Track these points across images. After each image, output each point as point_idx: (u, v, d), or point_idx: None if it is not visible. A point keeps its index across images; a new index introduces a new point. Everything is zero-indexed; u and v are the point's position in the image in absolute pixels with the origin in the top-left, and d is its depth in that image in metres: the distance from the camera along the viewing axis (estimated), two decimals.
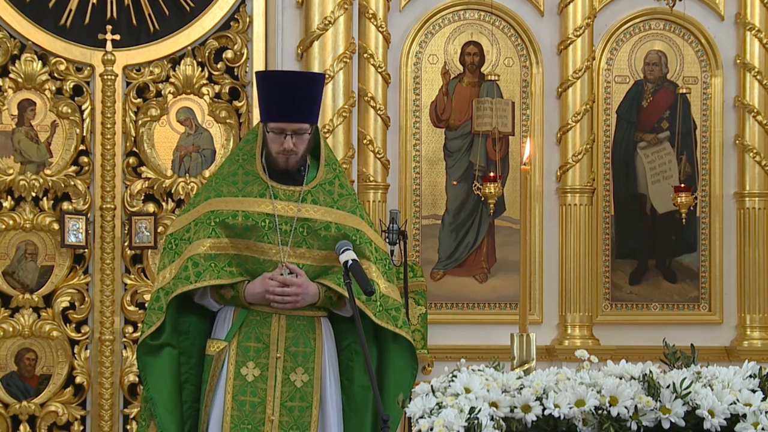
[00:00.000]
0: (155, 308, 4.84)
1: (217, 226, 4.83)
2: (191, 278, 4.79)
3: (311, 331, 4.86)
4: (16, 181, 6.94)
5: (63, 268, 6.99)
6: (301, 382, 4.83)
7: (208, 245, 4.82)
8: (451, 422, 3.38)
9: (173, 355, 4.89)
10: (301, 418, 4.82)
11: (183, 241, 4.90)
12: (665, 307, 7.59)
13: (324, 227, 4.87)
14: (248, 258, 4.84)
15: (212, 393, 4.82)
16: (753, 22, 7.53)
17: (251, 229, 4.82)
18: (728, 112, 7.64)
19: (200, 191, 5.08)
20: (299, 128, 4.83)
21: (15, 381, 6.98)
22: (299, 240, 4.85)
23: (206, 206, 4.90)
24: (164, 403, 4.84)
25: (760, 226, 7.57)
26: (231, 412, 4.79)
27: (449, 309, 7.43)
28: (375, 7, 7.19)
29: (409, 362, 5.00)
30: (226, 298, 4.86)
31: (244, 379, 4.81)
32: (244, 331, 4.84)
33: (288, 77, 5.22)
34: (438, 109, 7.44)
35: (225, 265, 4.81)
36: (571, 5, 7.39)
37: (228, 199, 4.88)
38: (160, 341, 4.87)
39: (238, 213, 4.84)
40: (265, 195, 4.87)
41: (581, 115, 7.40)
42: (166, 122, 7.12)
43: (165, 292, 4.83)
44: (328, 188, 4.96)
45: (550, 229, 7.48)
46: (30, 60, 6.97)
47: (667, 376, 3.57)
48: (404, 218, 7.28)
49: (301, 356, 4.84)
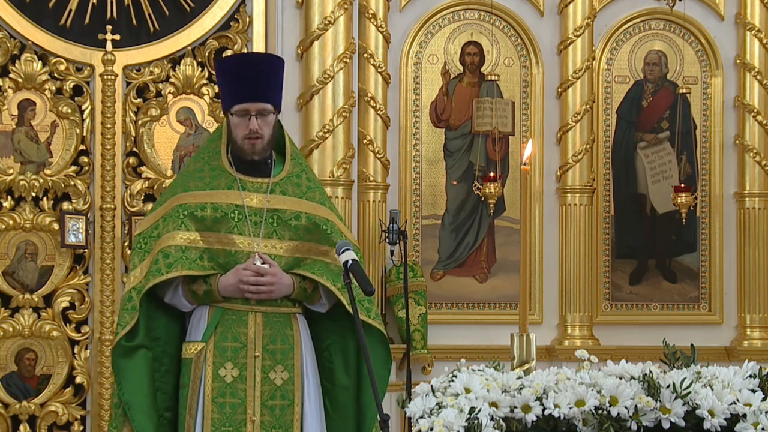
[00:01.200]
0: (128, 308, 4.74)
1: (187, 219, 4.76)
2: (162, 270, 4.70)
3: (288, 328, 4.80)
4: (16, 181, 6.94)
5: (63, 268, 6.99)
6: (281, 380, 4.78)
7: (178, 238, 4.74)
8: (451, 422, 3.38)
9: (148, 357, 4.80)
10: (283, 417, 4.77)
11: (152, 238, 4.82)
12: (665, 307, 7.60)
13: (294, 217, 4.83)
14: (219, 251, 4.77)
15: (196, 396, 4.74)
16: (753, 22, 7.53)
17: (221, 221, 4.77)
18: (728, 112, 7.64)
19: (166, 190, 5.02)
20: (263, 108, 4.79)
21: (15, 381, 6.98)
22: (270, 231, 4.81)
23: (174, 201, 4.83)
24: (141, 407, 4.74)
25: (760, 226, 7.57)
26: (211, 415, 4.71)
27: (449, 309, 7.43)
28: (375, 7, 7.19)
29: (383, 355, 4.92)
30: (199, 295, 4.77)
31: (223, 380, 4.73)
32: (220, 331, 4.75)
33: (248, 58, 5.22)
34: (438, 109, 7.45)
35: (197, 258, 4.73)
36: (571, 5, 7.40)
37: (195, 192, 4.81)
38: (135, 342, 4.77)
39: (207, 205, 4.78)
40: (233, 187, 4.82)
41: (581, 115, 7.40)
42: (166, 122, 7.12)
43: (137, 291, 4.74)
44: (296, 181, 4.92)
45: (550, 229, 7.49)
46: (30, 60, 6.97)
47: (667, 376, 3.57)
48: (404, 218, 7.28)
49: (279, 354, 4.78)
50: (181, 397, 4.80)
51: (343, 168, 7.00)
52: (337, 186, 6.98)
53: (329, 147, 6.99)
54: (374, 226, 7.15)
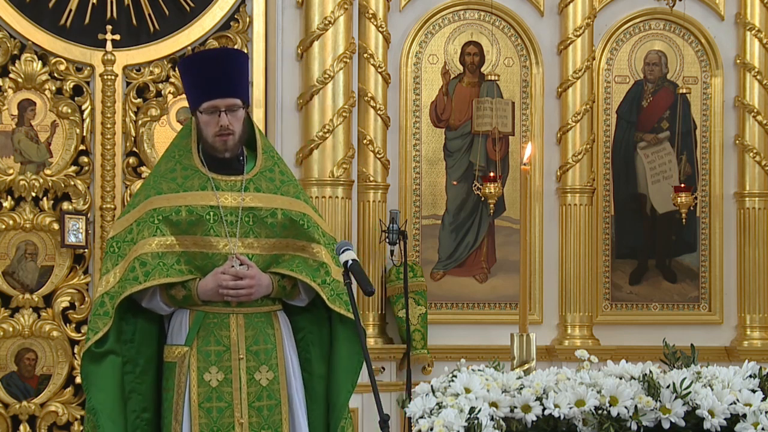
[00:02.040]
0: (100, 314, 4.67)
1: (161, 224, 4.70)
2: (140, 278, 4.64)
3: (270, 327, 4.78)
4: (16, 181, 6.94)
5: (63, 268, 6.99)
6: (266, 381, 4.76)
7: (154, 244, 4.69)
8: (451, 422, 3.38)
9: (116, 364, 4.74)
10: (271, 417, 4.76)
11: (126, 243, 4.75)
12: (665, 307, 7.60)
13: (270, 214, 4.80)
14: (196, 254, 4.72)
15: (182, 401, 4.70)
16: (753, 22, 7.53)
17: (196, 224, 4.72)
18: (728, 112, 7.64)
19: (138, 191, 4.94)
20: (232, 103, 4.73)
21: (15, 381, 6.98)
22: (246, 230, 4.77)
23: (147, 205, 4.77)
24: (108, 413, 4.69)
25: (760, 226, 7.57)
26: (198, 420, 4.67)
27: (449, 309, 7.43)
28: (375, 7, 7.19)
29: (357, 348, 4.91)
30: (178, 299, 4.73)
31: (208, 385, 4.70)
32: (202, 335, 4.71)
33: (211, 54, 5.17)
34: (438, 109, 7.45)
35: (174, 263, 4.68)
36: (571, 5, 7.40)
37: (169, 195, 4.76)
38: (104, 349, 4.70)
39: (182, 208, 4.72)
40: (206, 188, 4.77)
41: (581, 115, 7.40)
42: (166, 122, 7.12)
43: (110, 296, 4.67)
44: (269, 175, 4.88)
45: (550, 229, 7.49)
46: (30, 60, 6.97)
47: (667, 376, 3.57)
48: (404, 218, 7.28)
49: (263, 354, 4.76)
50: (165, 401, 4.76)
51: (343, 168, 7.00)
52: (337, 186, 6.98)
53: (329, 147, 6.99)
54: (374, 226, 7.15)
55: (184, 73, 4.93)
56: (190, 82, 4.85)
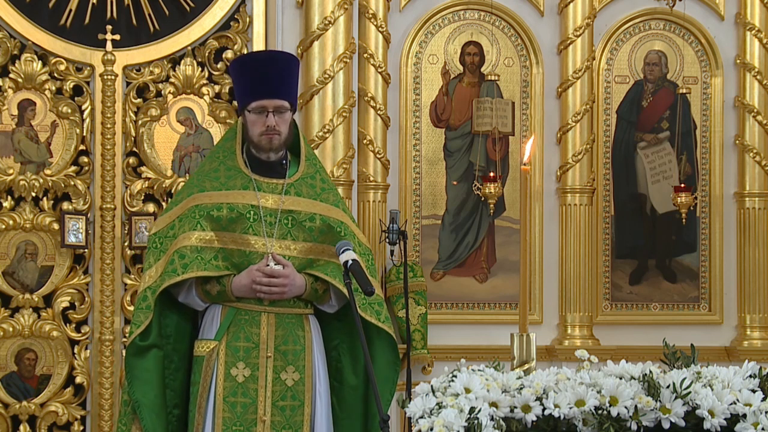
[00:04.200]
0: (143, 307, 4.79)
1: (203, 219, 4.79)
2: (178, 270, 4.74)
3: (300, 329, 4.83)
4: (16, 181, 6.94)
5: (63, 268, 6.99)
6: (292, 381, 4.80)
7: (194, 238, 4.77)
8: (451, 422, 3.38)
9: (159, 357, 4.84)
10: (293, 417, 4.80)
11: (168, 238, 4.86)
12: (665, 307, 7.59)
13: (309, 219, 4.85)
14: (234, 251, 4.80)
15: (206, 394, 4.77)
16: (753, 22, 7.53)
17: (236, 221, 4.80)
18: (728, 112, 7.64)
19: (181, 190, 5.05)
20: (280, 105, 4.82)
21: (15, 381, 6.98)
22: (284, 232, 4.83)
23: (190, 201, 4.86)
24: (151, 406, 4.78)
25: (760, 226, 7.57)
26: (222, 414, 4.74)
27: (449, 309, 7.43)
28: (375, 7, 7.19)
29: (392, 358, 4.95)
30: (212, 294, 4.82)
31: (235, 380, 4.76)
32: (232, 331, 4.78)
33: (264, 56, 5.26)
34: (438, 109, 7.45)
35: (211, 258, 4.77)
36: (571, 5, 7.39)
37: (211, 193, 4.84)
38: (148, 342, 4.81)
39: (223, 205, 4.81)
40: (248, 187, 4.85)
41: (581, 115, 7.40)
42: (166, 122, 7.12)
43: (152, 291, 4.79)
44: (310, 182, 4.94)
45: (550, 229, 7.48)
46: (30, 60, 6.97)
47: (667, 376, 3.57)
48: (404, 218, 7.28)
49: (291, 354, 4.80)
50: (192, 394, 4.83)
51: (343, 168, 7.01)
52: (337, 186, 6.97)
53: (329, 147, 6.99)
54: (374, 226, 7.15)
55: (235, 73, 4.99)
56: (240, 82, 4.92)
